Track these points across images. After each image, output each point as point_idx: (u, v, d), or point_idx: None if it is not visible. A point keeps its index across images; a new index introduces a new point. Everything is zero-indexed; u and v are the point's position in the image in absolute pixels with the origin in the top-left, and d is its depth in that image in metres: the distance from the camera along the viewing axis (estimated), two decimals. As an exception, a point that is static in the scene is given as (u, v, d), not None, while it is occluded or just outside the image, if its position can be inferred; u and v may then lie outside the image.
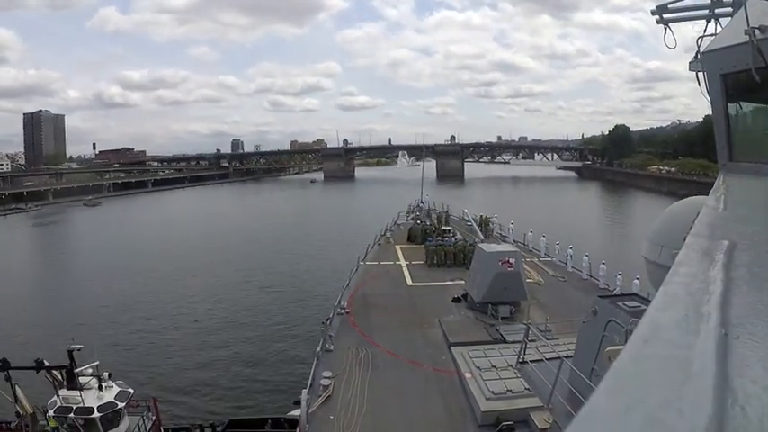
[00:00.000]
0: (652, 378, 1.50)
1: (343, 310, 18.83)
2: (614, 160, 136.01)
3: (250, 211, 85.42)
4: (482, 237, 29.94)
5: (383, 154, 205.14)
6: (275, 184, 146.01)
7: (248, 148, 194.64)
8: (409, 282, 23.69)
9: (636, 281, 19.98)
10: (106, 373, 15.03)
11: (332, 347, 15.49)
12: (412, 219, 37.13)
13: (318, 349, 15.28)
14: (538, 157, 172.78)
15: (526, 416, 10.99)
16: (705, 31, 5.66)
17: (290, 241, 54.29)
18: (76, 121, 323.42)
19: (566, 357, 8.83)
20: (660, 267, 6.81)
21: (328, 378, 13.28)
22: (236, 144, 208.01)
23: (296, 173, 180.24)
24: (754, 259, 2.59)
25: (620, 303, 8.50)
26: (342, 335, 16.66)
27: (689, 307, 1.99)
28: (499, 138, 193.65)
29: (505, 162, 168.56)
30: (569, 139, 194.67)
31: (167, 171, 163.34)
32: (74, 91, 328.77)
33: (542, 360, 9.67)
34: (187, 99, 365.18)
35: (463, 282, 20.86)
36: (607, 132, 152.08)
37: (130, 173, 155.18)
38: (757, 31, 3.83)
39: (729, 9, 5.75)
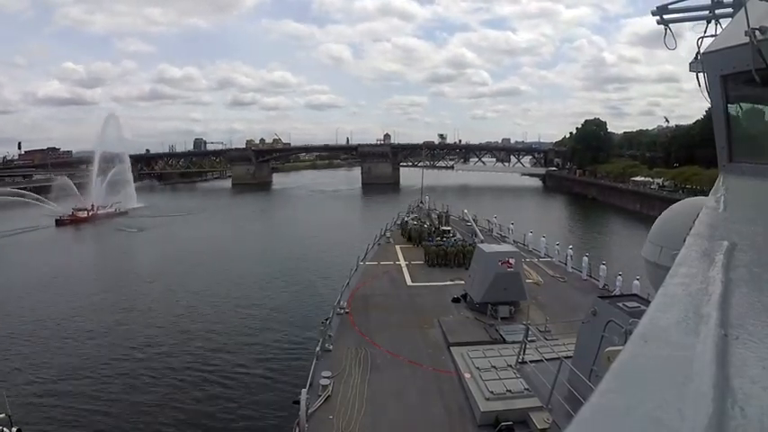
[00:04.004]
0: (652, 378, 1.51)
1: (342, 310, 18.83)
2: (586, 166, 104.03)
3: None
4: (482, 237, 30.01)
5: (290, 156, 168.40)
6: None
7: (214, 148, 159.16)
8: (409, 282, 23.69)
9: (636, 281, 20.01)
10: (15, 429, 12.93)
11: (331, 347, 15.48)
12: (412, 219, 37.16)
13: (318, 349, 15.27)
14: (485, 162, 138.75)
15: (525, 416, 11.00)
16: (705, 31, 5.66)
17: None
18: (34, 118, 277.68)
19: (565, 358, 8.82)
20: (660, 268, 6.81)
21: (328, 378, 13.27)
22: (198, 143, 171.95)
23: (216, 177, 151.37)
24: (753, 260, 2.59)
25: (620, 304, 8.49)
26: (341, 335, 16.67)
27: (688, 308, 1.99)
28: (441, 136, 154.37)
29: (449, 167, 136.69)
30: (541, 141, 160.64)
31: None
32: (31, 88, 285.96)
33: (542, 360, 9.66)
34: (136, 94, 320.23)
35: (463, 282, 20.86)
36: (575, 130, 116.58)
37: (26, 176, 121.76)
38: (758, 32, 3.82)
39: (730, 10, 5.76)
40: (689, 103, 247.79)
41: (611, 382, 1.52)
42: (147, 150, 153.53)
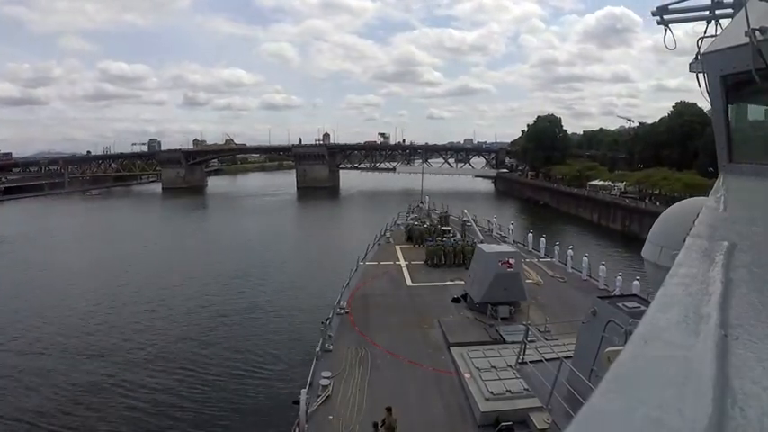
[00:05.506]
0: (652, 378, 1.51)
1: (342, 310, 18.83)
2: (540, 167, 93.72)
3: None
4: (481, 237, 29.99)
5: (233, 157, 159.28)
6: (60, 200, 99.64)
7: (167, 149, 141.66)
8: (409, 282, 23.68)
9: (636, 281, 20.03)
10: None
11: (331, 347, 15.49)
12: (412, 219, 37.16)
13: (318, 349, 15.29)
14: (431, 164, 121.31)
15: (525, 416, 11.00)
16: (705, 32, 5.67)
17: None
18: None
19: (565, 358, 8.83)
20: (660, 268, 6.81)
21: (328, 378, 13.28)
22: (152, 144, 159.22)
23: (152, 180, 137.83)
24: (753, 260, 2.59)
25: (620, 304, 8.50)
26: (341, 335, 16.67)
27: (688, 308, 1.99)
28: (383, 135, 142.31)
29: (390, 170, 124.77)
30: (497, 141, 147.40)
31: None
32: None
33: (542, 361, 9.66)
34: (83, 95, 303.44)
35: (463, 282, 20.86)
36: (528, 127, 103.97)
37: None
38: (758, 33, 3.82)
39: (730, 10, 5.77)
40: (647, 103, 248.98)
41: (611, 382, 1.52)
42: (89, 152, 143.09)
